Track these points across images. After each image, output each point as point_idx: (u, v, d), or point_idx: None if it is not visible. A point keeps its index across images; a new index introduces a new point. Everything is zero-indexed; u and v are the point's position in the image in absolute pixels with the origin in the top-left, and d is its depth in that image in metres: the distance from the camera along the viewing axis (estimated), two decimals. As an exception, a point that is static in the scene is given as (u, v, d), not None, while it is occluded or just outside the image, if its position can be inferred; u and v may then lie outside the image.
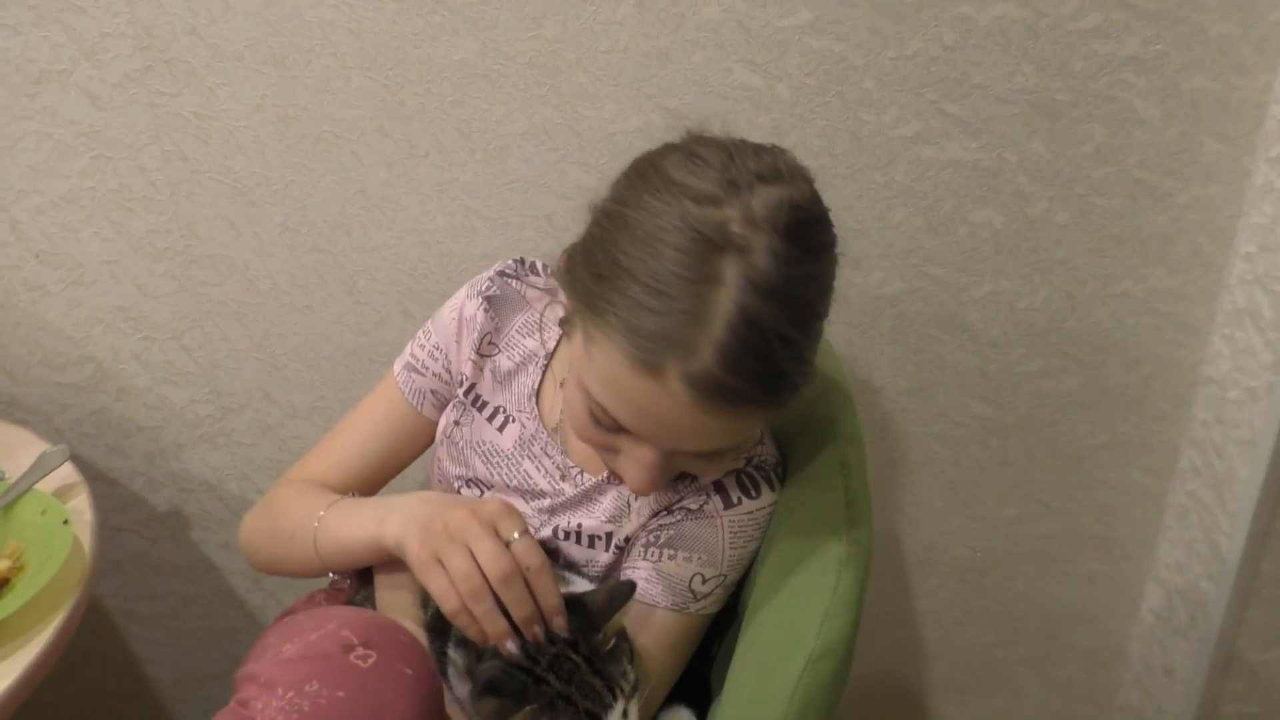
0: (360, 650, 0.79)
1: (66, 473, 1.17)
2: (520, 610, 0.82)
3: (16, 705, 0.94)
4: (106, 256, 1.27)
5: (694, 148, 0.82)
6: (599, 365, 0.81)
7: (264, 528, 1.06)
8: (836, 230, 0.85)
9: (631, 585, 0.88)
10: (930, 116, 1.18)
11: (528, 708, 0.80)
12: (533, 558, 0.83)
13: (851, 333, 1.30)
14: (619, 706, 0.84)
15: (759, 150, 0.83)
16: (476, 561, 0.82)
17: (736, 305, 0.75)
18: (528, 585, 0.83)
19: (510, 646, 0.83)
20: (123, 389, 1.34)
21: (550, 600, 0.84)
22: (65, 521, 1.06)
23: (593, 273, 0.81)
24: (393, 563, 0.94)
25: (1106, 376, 1.31)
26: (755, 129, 1.19)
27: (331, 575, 1.01)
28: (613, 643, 0.86)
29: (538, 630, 0.84)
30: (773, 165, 0.81)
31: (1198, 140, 1.17)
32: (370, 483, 1.09)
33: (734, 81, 1.18)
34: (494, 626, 0.82)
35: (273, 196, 1.24)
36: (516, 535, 0.84)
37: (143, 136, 1.20)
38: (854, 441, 0.97)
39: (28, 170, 1.22)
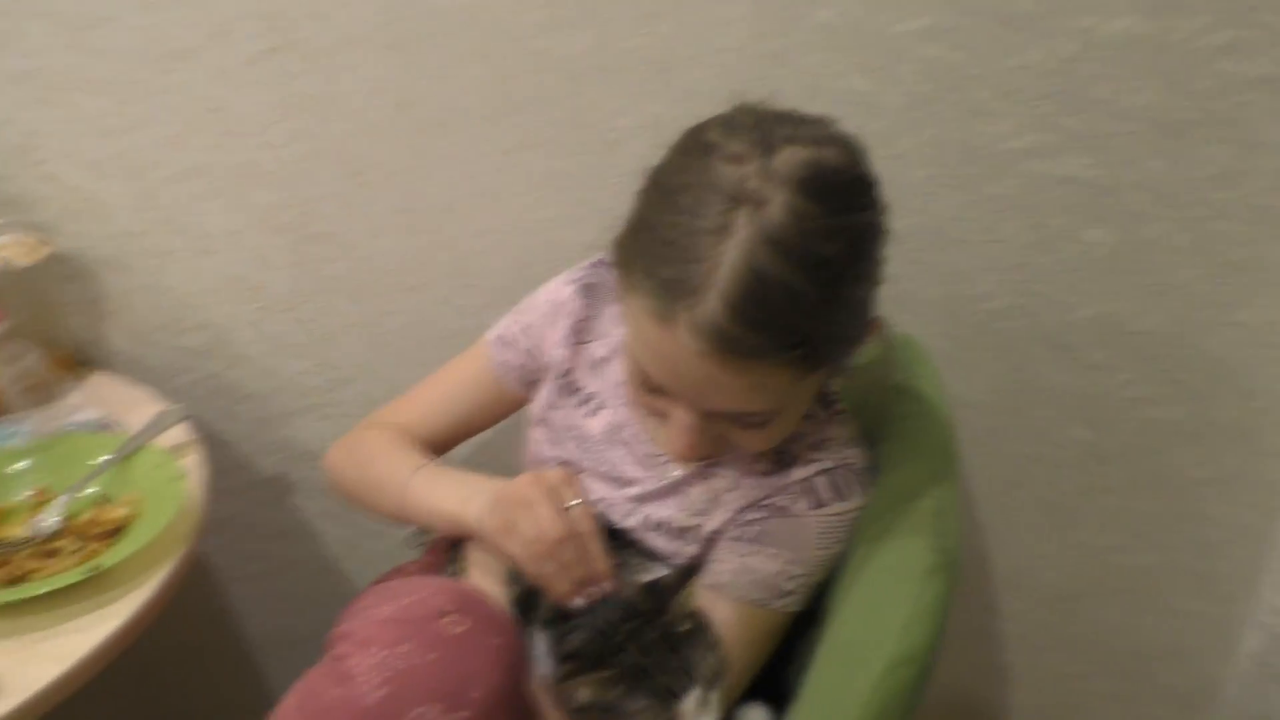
0: (453, 617, 0.83)
1: (182, 432, 1.23)
2: (574, 572, 0.88)
3: (124, 647, 1.00)
4: (230, 228, 1.32)
5: (734, 114, 0.85)
6: (630, 321, 0.85)
7: (353, 469, 1.12)
8: (893, 205, 0.85)
9: (699, 565, 0.92)
10: (1046, 130, 1.16)
11: (606, 673, 0.82)
12: (584, 524, 0.90)
13: (952, 346, 1.28)
14: (696, 691, 0.85)
15: (801, 119, 0.84)
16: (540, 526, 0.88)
17: (744, 255, 0.76)
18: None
19: (578, 603, 0.89)
20: (237, 356, 1.40)
21: (598, 565, 0.89)
22: (179, 477, 1.12)
23: (628, 232, 0.85)
24: None
25: (1217, 408, 1.27)
26: (866, 135, 1.15)
27: (420, 538, 1.07)
28: (690, 625, 0.88)
29: (592, 591, 0.89)
30: (809, 132, 0.82)
31: (1329, 167, 1.13)
32: (448, 439, 1.15)
33: (846, 86, 1.17)
34: (558, 585, 0.88)
35: (388, 179, 1.28)
36: (573, 502, 0.90)
37: (270, 114, 1.26)
38: (947, 454, 0.96)
39: (160, 142, 1.28)
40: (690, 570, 0.90)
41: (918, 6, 1.13)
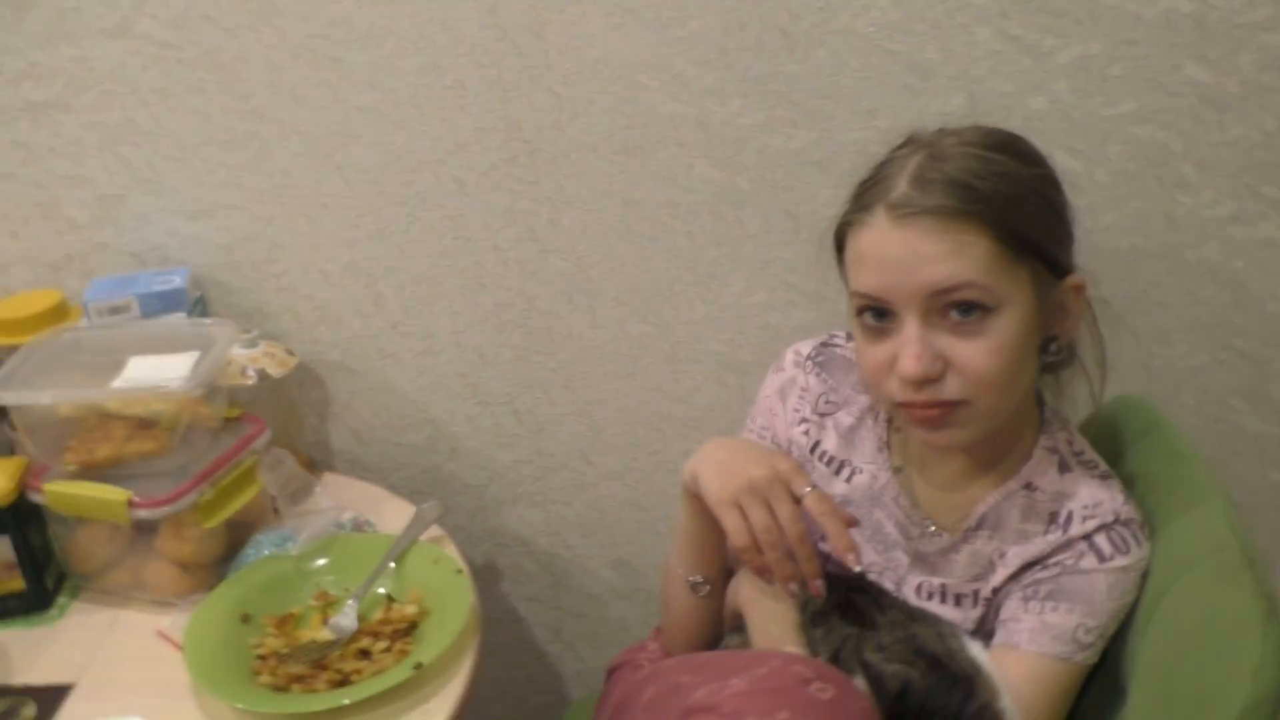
0: (817, 684, 0.86)
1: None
2: (809, 565, 1.00)
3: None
4: (455, 328, 1.38)
5: None
6: (851, 258, 0.98)
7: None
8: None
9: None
10: (1246, 198, 1.23)
11: None
12: (825, 504, 1.00)
13: (1151, 403, 1.34)
14: None
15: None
16: (776, 518, 0.99)
17: (923, 154, 0.95)
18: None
19: (793, 588, 1.02)
20: (455, 449, 1.45)
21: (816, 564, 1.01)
22: (458, 570, 1.16)
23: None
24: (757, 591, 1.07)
25: None
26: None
27: (698, 580, 1.12)
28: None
29: (819, 584, 1.01)
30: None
31: None
32: None
33: (1053, 165, 1.25)
34: (784, 570, 1.00)
35: (609, 274, 1.35)
36: (807, 490, 1.00)
37: (500, 220, 1.32)
38: (1234, 508, 1.01)
39: (395, 249, 1.34)
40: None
41: (1126, 91, 1.21)
